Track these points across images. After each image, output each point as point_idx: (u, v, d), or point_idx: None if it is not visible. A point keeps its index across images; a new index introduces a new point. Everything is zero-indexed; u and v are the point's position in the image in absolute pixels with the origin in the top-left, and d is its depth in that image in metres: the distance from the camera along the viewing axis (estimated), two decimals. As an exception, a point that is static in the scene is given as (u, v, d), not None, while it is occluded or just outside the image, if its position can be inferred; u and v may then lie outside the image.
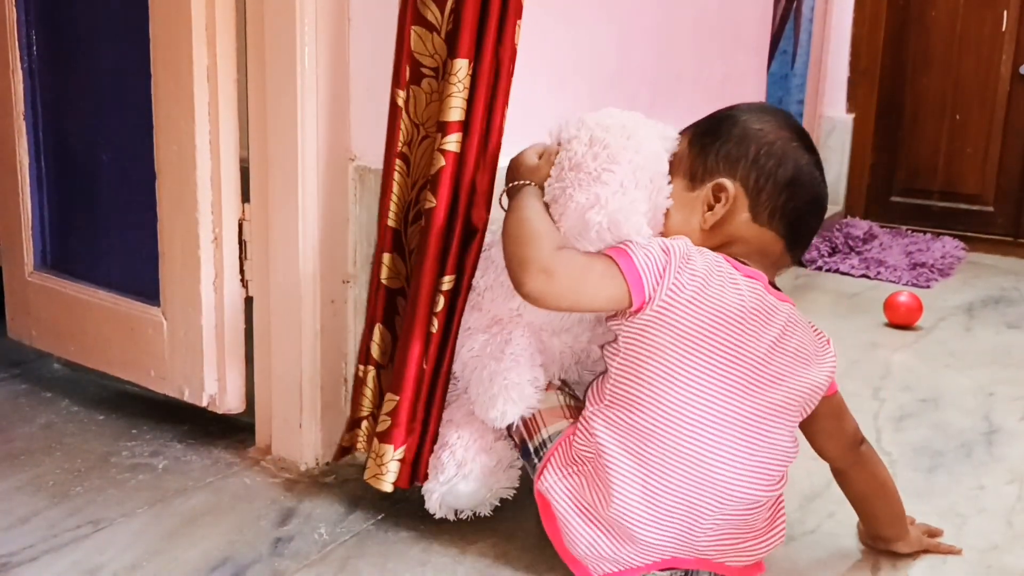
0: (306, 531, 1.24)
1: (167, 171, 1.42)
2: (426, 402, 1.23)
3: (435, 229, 1.19)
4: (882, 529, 1.23)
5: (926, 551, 1.24)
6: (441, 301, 1.20)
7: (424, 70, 1.22)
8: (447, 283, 1.20)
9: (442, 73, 1.21)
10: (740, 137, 1.13)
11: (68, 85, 1.59)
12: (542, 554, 1.18)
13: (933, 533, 1.28)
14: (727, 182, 1.12)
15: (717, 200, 1.12)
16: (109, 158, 1.54)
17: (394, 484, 1.23)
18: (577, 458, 1.11)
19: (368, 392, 1.29)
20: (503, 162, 1.24)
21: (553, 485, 1.11)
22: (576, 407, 1.17)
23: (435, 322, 1.20)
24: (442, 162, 1.18)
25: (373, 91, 1.33)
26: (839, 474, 1.23)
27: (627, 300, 1.06)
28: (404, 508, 1.29)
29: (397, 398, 1.21)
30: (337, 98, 1.35)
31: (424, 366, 1.21)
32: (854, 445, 1.20)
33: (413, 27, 1.20)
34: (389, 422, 1.22)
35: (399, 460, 1.22)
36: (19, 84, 1.62)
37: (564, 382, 1.22)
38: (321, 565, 1.16)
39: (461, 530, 1.25)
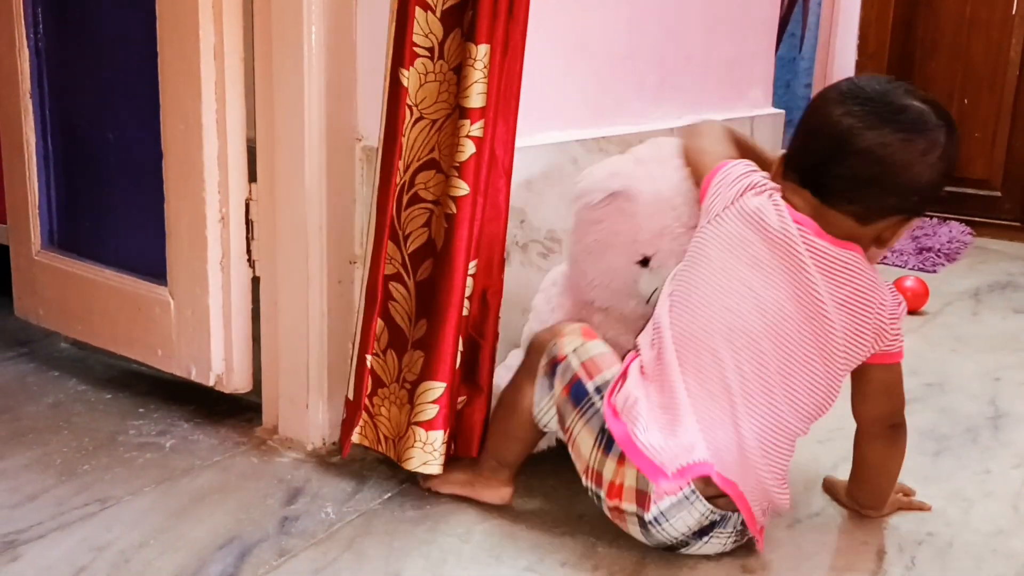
0: (313, 510, 1.24)
1: (174, 150, 1.41)
2: (465, 379, 1.28)
3: (466, 217, 1.20)
4: (863, 497, 1.27)
5: (898, 509, 1.29)
6: (470, 284, 1.23)
7: (418, 50, 1.20)
8: (472, 268, 1.23)
9: (437, 54, 1.20)
10: (891, 184, 1.13)
11: (75, 64, 1.58)
12: (548, 534, 1.18)
13: (906, 492, 1.31)
14: (901, 226, 1.16)
15: (892, 236, 1.17)
16: (116, 137, 1.54)
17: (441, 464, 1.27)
18: (646, 373, 1.16)
19: (370, 379, 1.30)
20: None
21: (631, 390, 1.14)
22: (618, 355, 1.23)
23: (467, 305, 1.23)
24: (472, 149, 1.19)
25: (380, 71, 1.32)
26: (860, 435, 1.24)
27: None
28: (411, 488, 1.30)
29: (444, 384, 1.23)
30: (344, 78, 1.34)
31: (460, 348, 1.24)
32: (889, 422, 1.22)
33: (417, 6, 1.19)
34: (436, 409, 1.24)
35: (445, 442, 1.25)
36: (26, 63, 1.61)
37: None
38: (328, 544, 1.17)
39: (467, 510, 1.25)
